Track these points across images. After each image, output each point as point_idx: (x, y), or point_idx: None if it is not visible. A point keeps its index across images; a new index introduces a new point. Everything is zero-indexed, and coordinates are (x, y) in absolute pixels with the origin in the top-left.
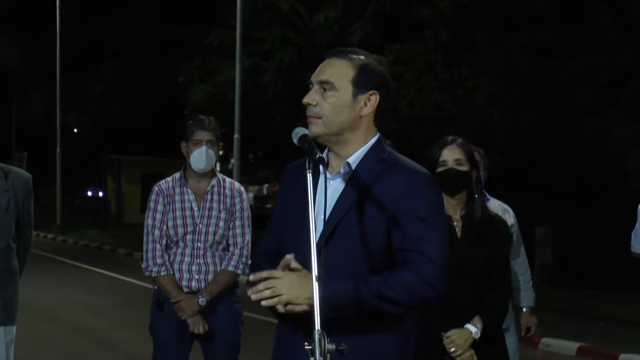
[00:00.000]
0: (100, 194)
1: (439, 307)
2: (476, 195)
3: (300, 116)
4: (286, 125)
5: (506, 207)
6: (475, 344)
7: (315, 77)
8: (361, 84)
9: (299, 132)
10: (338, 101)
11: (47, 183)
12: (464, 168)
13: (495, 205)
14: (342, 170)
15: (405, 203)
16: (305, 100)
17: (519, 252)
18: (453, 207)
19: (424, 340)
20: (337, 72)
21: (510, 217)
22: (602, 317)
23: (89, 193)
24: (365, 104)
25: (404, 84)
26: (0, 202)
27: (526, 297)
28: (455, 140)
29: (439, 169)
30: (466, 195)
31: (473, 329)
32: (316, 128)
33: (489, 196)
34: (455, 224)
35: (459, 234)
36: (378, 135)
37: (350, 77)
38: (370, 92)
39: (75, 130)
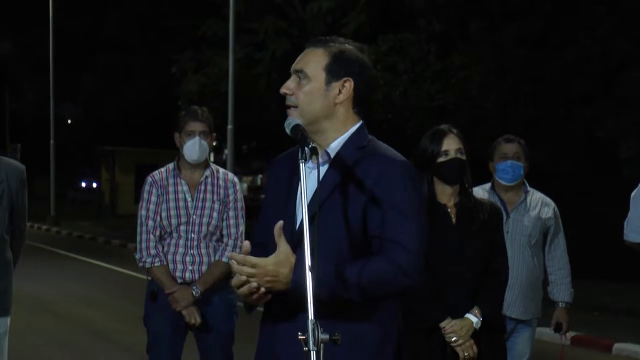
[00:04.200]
0: (94, 185)
1: (438, 294)
2: (466, 185)
3: None
4: (280, 116)
5: (547, 200)
6: (475, 333)
7: (292, 67)
8: (334, 71)
9: (291, 122)
10: (311, 89)
11: (40, 174)
12: (464, 157)
13: (537, 197)
14: (321, 160)
15: (379, 190)
16: (282, 90)
17: (557, 246)
18: (448, 196)
19: (422, 328)
20: (311, 60)
21: (550, 210)
22: (596, 306)
23: (83, 184)
24: (340, 91)
25: (397, 74)
26: None
27: (561, 292)
28: (452, 130)
29: (441, 159)
30: (459, 184)
31: (474, 319)
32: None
33: (529, 187)
34: (450, 210)
35: (454, 221)
36: (360, 122)
37: (323, 64)
38: (344, 78)
39: (69, 121)
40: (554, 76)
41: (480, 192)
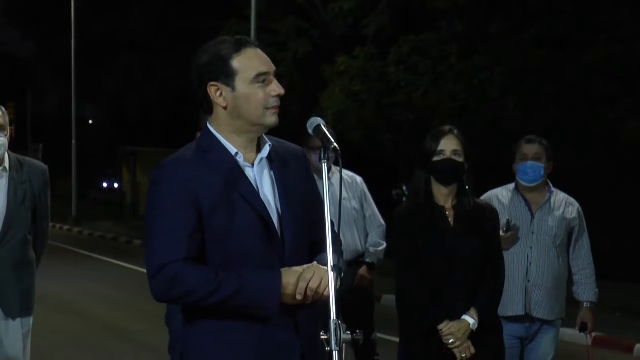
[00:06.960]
0: (116, 185)
1: (435, 297)
2: (467, 187)
3: (315, 107)
4: (301, 117)
5: (572, 200)
6: (472, 335)
7: (271, 69)
8: None
9: (314, 122)
10: None
11: (62, 174)
12: (461, 159)
13: (561, 197)
14: (266, 154)
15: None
16: (282, 91)
17: (582, 246)
18: (445, 197)
19: (421, 331)
20: None
21: (573, 210)
22: (618, 307)
23: (105, 184)
24: None
25: (418, 75)
26: (17, 194)
27: (586, 292)
28: (452, 131)
29: (436, 158)
30: (457, 186)
31: (470, 320)
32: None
33: (553, 188)
34: (447, 212)
35: (451, 223)
36: None
37: None
38: None
39: (90, 121)
40: (576, 77)
41: (504, 192)
